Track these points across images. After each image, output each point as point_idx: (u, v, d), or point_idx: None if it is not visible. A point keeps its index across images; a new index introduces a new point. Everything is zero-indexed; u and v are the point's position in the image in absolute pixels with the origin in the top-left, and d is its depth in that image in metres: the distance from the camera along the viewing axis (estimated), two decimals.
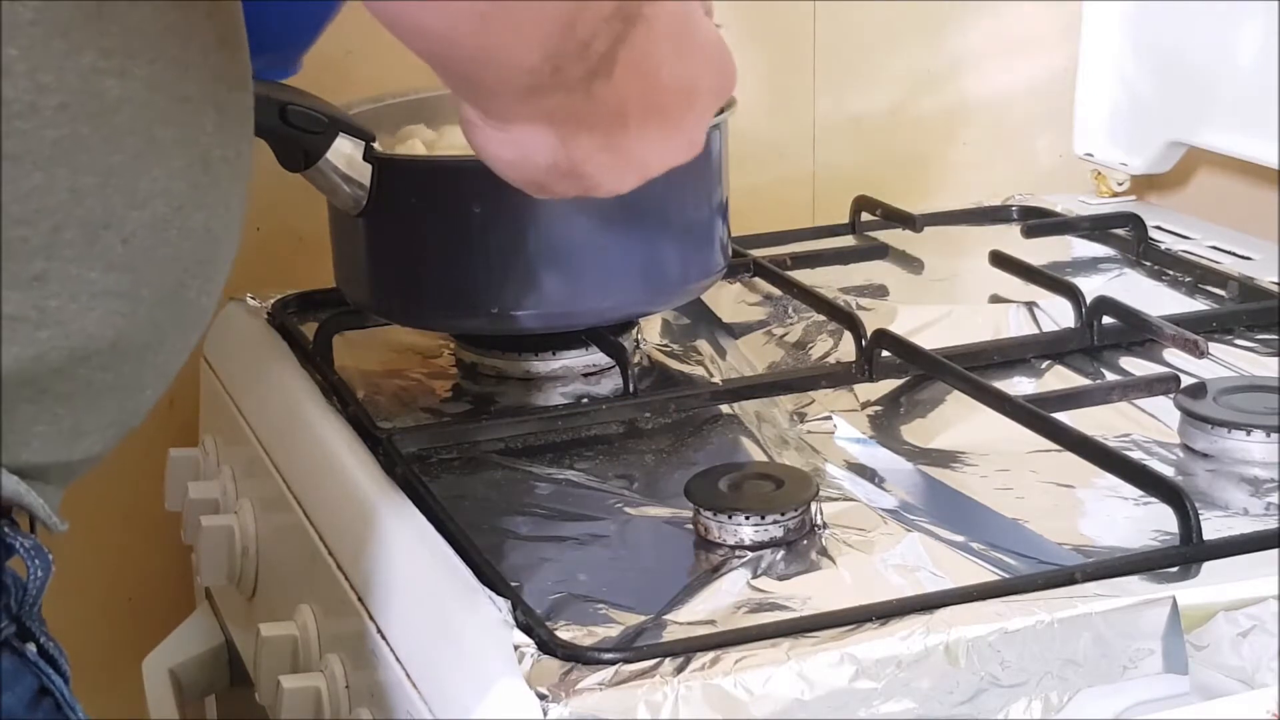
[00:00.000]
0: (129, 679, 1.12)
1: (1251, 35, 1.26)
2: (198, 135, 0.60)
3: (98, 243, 0.57)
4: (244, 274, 1.20)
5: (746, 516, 0.82)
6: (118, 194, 0.57)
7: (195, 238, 0.60)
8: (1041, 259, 1.20)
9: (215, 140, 0.61)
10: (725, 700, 0.68)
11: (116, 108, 0.56)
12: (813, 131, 1.42)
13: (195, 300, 0.62)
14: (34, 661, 0.60)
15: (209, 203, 0.61)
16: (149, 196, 0.58)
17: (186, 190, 0.59)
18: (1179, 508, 0.79)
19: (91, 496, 1.25)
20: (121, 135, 0.56)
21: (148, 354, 0.61)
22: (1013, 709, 0.71)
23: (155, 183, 0.58)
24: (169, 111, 0.58)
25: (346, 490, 0.90)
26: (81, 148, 0.55)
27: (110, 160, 0.56)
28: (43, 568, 0.61)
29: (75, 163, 0.55)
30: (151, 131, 0.58)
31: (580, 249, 1.00)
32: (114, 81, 0.56)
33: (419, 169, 1.01)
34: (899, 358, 1.01)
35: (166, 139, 0.58)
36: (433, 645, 0.76)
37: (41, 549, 0.61)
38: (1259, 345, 1.08)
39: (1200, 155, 1.38)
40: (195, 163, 0.60)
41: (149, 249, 0.58)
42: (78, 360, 0.58)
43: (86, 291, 0.57)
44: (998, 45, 1.45)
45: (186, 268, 0.61)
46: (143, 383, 0.62)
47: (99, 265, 0.57)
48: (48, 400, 0.58)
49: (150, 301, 0.59)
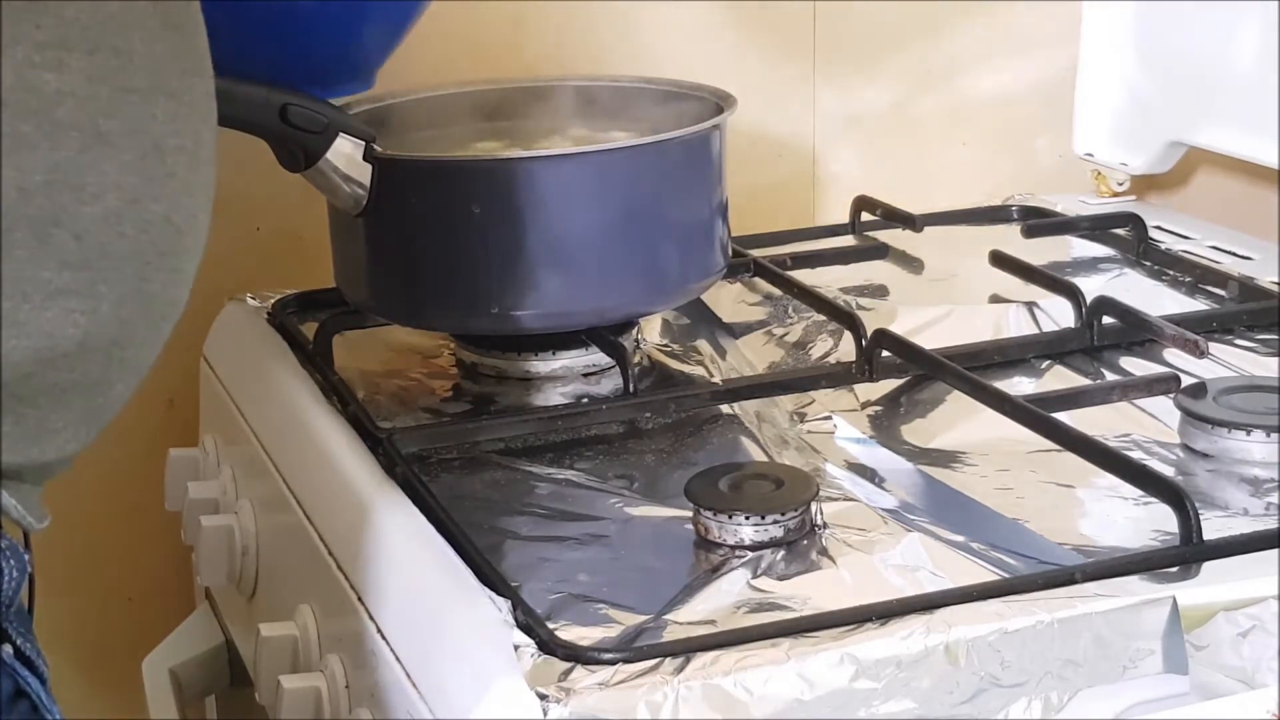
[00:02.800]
0: (129, 679, 1.12)
1: (1251, 35, 1.26)
2: (147, 125, 0.58)
3: (49, 241, 0.56)
4: (244, 274, 1.21)
5: (746, 516, 0.82)
6: (66, 190, 0.56)
7: (154, 230, 0.59)
8: (1041, 259, 1.20)
9: (168, 129, 0.59)
10: (725, 700, 0.68)
11: (56, 102, 0.55)
12: (813, 131, 1.42)
13: (161, 293, 0.61)
14: (9, 664, 0.60)
15: (166, 193, 0.59)
16: (99, 191, 0.57)
17: (139, 183, 0.58)
18: (1179, 508, 0.79)
19: (92, 496, 1.25)
20: (64, 130, 0.55)
21: (114, 350, 0.60)
22: (1013, 709, 0.71)
23: (105, 177, 0.57)
24: (113, 103, 0.57)
25: (346, 490, 0.90)
26: (23, 145, 0.55)
27: (54, 156, 0.55)
28: (18, 569, 0.60)
29: (18, 161, 0.55)
30: (96, 124, 0.56)
31: (580, 249, 1.00)
32: (51, 75, 0.55)
33: (419, 169, 1.01)
34: (899, 358, 1.01)
35: (113, 131, 0.57)
36: (433, 645, 0.76)
37: (17, 549, 0.60)
38: (1259, 345, 1.08)
39: (1200, 155, 1.38)
40: (148, 154, 0.58)
41: (104, 244, 0.57)
42: (43, 362, 0.57)
43: (41, 291, 0.56)
44: (998, 45, 1.45)
45: (148, 260, 0.59)
46: (111, 379, 0.61)
47: (52, 264, 0.56)
48: (11, 402, 0.57)
49: (111, 298, 0.58)
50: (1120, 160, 1.41)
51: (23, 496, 0.60)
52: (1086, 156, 1.44)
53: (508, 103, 1.15)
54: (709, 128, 1.03)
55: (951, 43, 1.44)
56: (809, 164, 1.42)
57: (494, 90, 1.16)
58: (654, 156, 1.00)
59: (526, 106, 1.14)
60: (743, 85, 1.10)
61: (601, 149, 0.99)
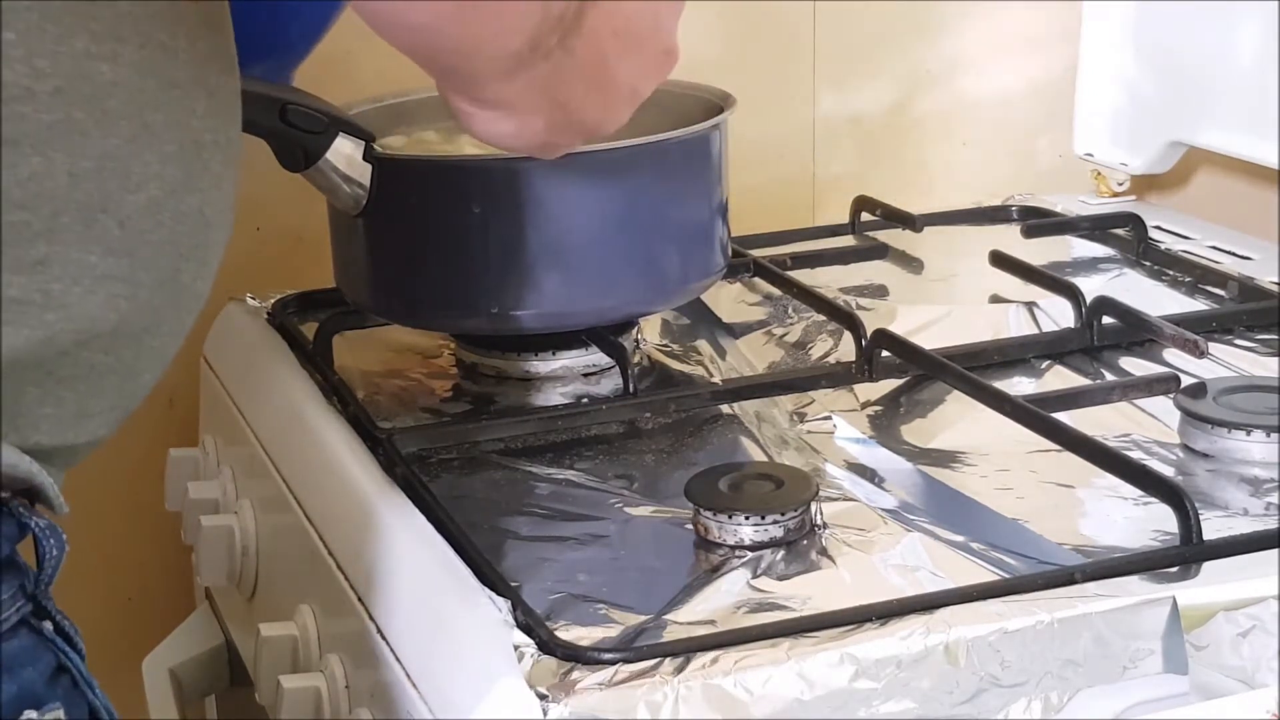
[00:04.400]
0: (129, 679, 1.12)
1: (1251, 35, 1.26)
2: (188, 119, 0.60)
3: (95, 226, 0.57)
4: (244, 274, 1.21)
5: (746, 516, 0.82)
6: (113, 178, 0.57)
7: (189, 221, 0.61)
8: (1041, 259, 1.20)
9: (205, 125, 0.61)
10: (725, 700, 0.68)
11: (109, 92, 0.57)
12: (813, 131, 1.42)
13: (190, 285, 0.62)
14: (51, 639, 0.61)
15: (202, 187, 0.61)
16: (143, 180, 0.58)
17: (179, 174, 0.60)
18: (1179, 508, 0.79)
19: (92, 496, 1.25)
20: (114, 119, 0.57)
21: (145, 337, 0.61)
22: (1013, 709, 0.71)
23: (148, 167, 0.58)
24: (159, 96, 0.59)
25: (346, 490, 0.90)
26: (77, 131, 0.56)
27: (105, 144, 0.57)
28: (57, 547, 0.62)
29: (71, 147, 0.56)
30: (143, 116, 0.58)
31: (580, 249, 1.00)
32: (106, 66, 0.56)
33: (419, 169, 1.01)
34: (899, 358, 1.01)
35: (158, 123, 0.59)
36: (433, 645, 0.76)
37: (56, 529, 0.62)
38: (1259, 345, 1.08)
39: (1200, 155, 1.38)
40: (187, 147, 0.60)
41: (145, 233, 0.59)
42: (81, 344, 0.58)
43: (89, 275, 0.57)
44: (998, 45, 1.45)
45: (181, 251, 0.61)
46: (140, 366, 0.62)
47: (98, 249, 0.57)
48: (51, 383, 0.58)
49: (148, 285, 0.60)
50: (1120, 160, 1.41)
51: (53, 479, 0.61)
52: (1086, 156, 1.44)
53: None
54: (709, 128, 1.03)
55: (951, 43, 1.44)
56: (809, 164, 1.42)
57: None
58: (654, 156, 1.00)
59: None
60: (743, 85, 1.10)
61: (601, 149, 0.99)
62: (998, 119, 1.46)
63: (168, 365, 0.64)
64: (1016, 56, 1.46)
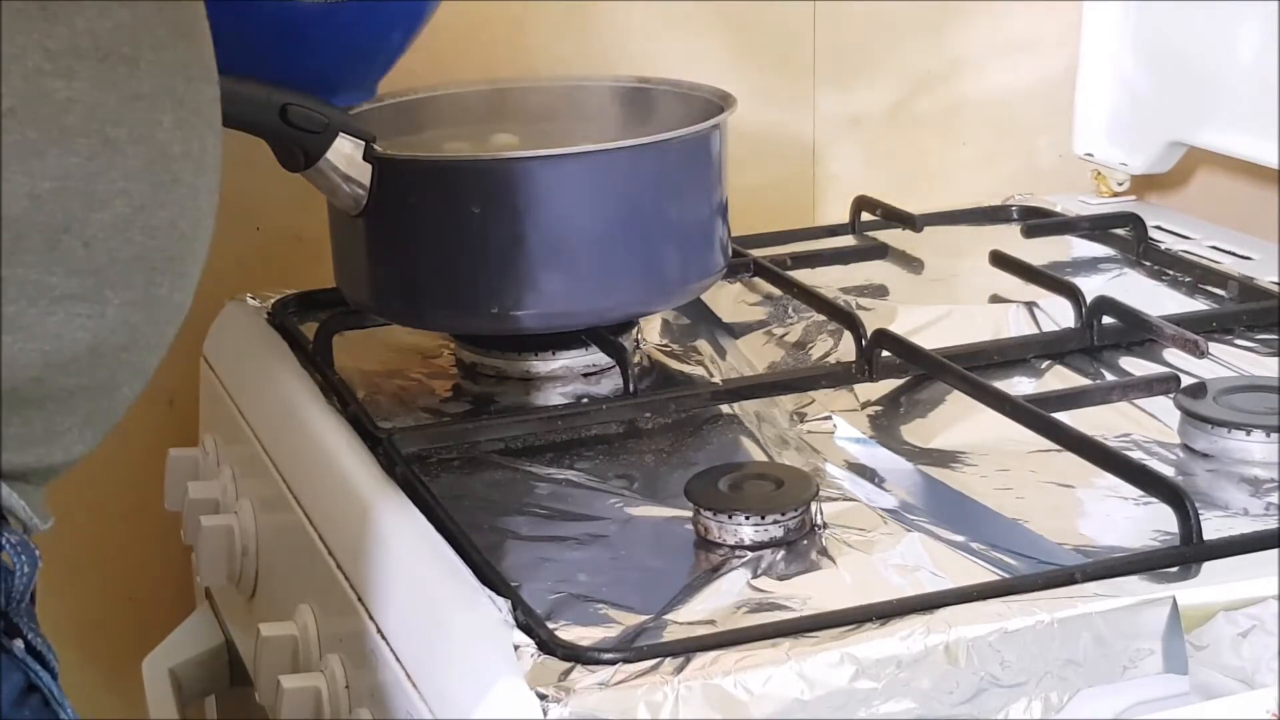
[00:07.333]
0: (129, 679, 1.12)
1: (1251, 35, 1.26)
2: (154, 132, 0.59)
3: (58, 247, 0.56)
4: (244, 274, 1.21)
5: (746, 516, 0.82)
6: (76, 198, 0.56)
7: (161, 235, 0.60)
8: (1041, 259, 1.20)
9: (174, 136, 0.60)
10: (725, 700, 0.68)
11: (66, 109, 0.56)
12: (813, 131, 1.42)
13: (168, 297, 0.61)
14: (21, 658, 0.60)
15: (173, 200, 0.60)
16: (108, 198, 0.57)
17: (146, 189, 0.59)
18: (1179, 508, 0.79)
19: (92, 496, 1.25)
20: (72, 137, 0.56)
21: (122, 354, 0.60)
22: (1013, 709, 0.71)
23: (113, 184, 0.57)
24: (121, 110, 0.57)
25: (346, 490, 0.90)
26: (33, 152, 0.55)
27: (64, 163, 0.56)
28: (29, 564, 0.61)
29: (29, 169, 0.55)
30: (104, 131, 0.57)
31: (580, 249, 1.00)
32: (60, 83, 0.55)
33: (419, 169, 1.01)
34: (899, 358, 1.01)
35: (120, 138, 0.57)
36: (433, 645, 0.76)
37: (28, 545, 0.61)
38: (1259, 345, 1.08)
39: (1200, 155, 1.38)
40: (155, 160, 0.59)
41: (112, 250, 0.58)
42: (52, 366, 0.57)
43: (46, 296, 0.56)
44: (998, 45, 1.45)
45: (155, 265, 0.60)
46: (117, 381, 0.61)
47: (59, 270, 0.56)
48: (17, 404, 0.58)
49: (117, 302, 0.59)
50: (1120, 160, 1.41)
51: (27, 497, 0.60)
52: (1086, 156, 1.44)
53: (508, 103, 1.15)
54: (709, 128, 1.03)
55: (951, 43, 1.44)
56: (809, 164, 1.42)
57: (494, 90, 1.16)
58: (654, 156, 1.00)
59: (527, 106, 1.14)
60: (743, 85, 1.10)
61: (601, 149, 0.99)
62: (998, 119, 1.46)
63: (149, 377, 0.63)
64: (1016, 56, 1.46)
